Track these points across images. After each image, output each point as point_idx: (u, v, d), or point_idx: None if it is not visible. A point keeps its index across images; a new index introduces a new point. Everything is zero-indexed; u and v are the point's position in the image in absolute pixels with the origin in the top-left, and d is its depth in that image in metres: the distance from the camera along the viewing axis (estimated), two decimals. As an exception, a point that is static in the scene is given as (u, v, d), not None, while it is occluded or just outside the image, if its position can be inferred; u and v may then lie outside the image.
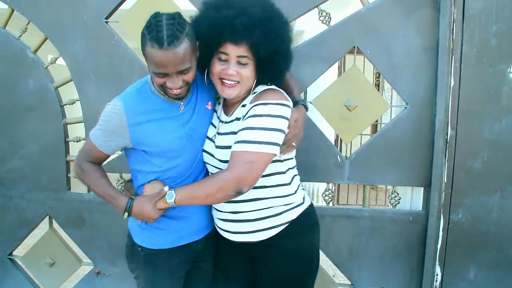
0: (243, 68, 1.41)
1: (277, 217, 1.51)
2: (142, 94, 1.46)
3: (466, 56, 1.99)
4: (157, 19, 1.30)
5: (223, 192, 1.37)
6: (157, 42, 1.26)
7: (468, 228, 2.10)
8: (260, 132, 1.37)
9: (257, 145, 1.36)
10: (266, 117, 1.38)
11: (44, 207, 2.23)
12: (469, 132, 2.04)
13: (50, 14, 2.08)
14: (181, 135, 1.48)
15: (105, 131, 1.46)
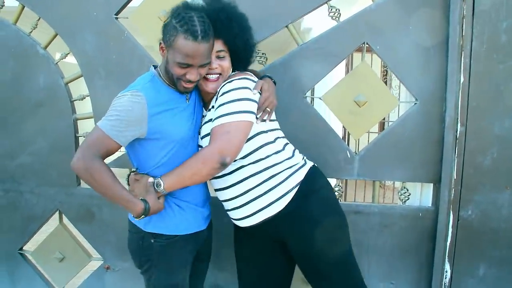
0: (222, 61, 1.56)
1: (285, 183, 1.55)
2: (157, 86, 1.53)
3: (476, 52, 1.98)
4: (188, 14, 1.42)
5: (207, 166, 1.43)
6: (192, 35, 1.39)
7: (477, 224, 2.09)
8: (230, 105, 1.46)
9: (229, 116, 1.44)
10: (232, 91, 1.49)
11: (54, 202, 2.24)
12: (479, 128, 2.03)
13: (61, 10, 2.10)
14: (190, 126, 1.56)
15: (123, 121, 1.43)
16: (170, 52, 1.45)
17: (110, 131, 1.43)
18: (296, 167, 1.58)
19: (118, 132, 1.43)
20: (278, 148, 1.58)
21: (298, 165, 1.60)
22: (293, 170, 1.57)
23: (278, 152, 1.57)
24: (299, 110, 2.03)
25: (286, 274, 1.77)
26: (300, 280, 2.12)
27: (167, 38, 1.45)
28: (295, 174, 1.57)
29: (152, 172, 1.55)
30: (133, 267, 2.14)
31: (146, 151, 1.54)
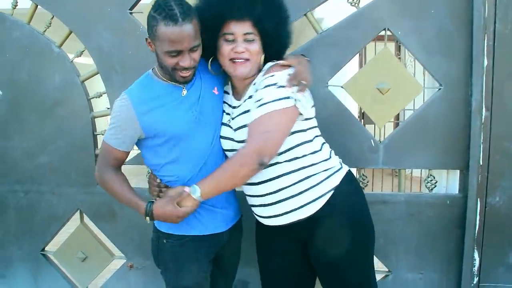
0: (250, 44, 1.46)
1: (320, 186, 1.48)
2: (145, 83, 1.52)
3: (499, 34, 1.93)
4: (165, 1, 1.38)
5: (246, 168, 1.36)
6: (172, 19, 1.33)
7: (505, 211, 2.05)
8: (271, 95, 1.40)
9: (268, 104, 1.37)
10: (273, 86, 1.40)
11: (74, 202, 2.22)
12: (504, 112, 1.97)
13: (74, 7, 2.07)
14: (189, 119, 1.50)
15: (117, 127, 1.49)
16: (157, 44, 1.40)
17: (110, 141, 1.50)
18: (333, 170, 1.53)
19: (117, 139, 1.49)
20: (316, 148, 1.52)
21: (335, 169, 1.54)
22: (329, 173, 1.51)
23: (315, 152, 1.51)
24: (321, 100, 1.97)
25: (310, 275, 1.70)
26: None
27: (150, 31, 1.41)
28: (331, 177, 1.51)
29: (162, 169, 1.54)
30: (156, 265, 2.15)
31: (149, 150, 1.54)
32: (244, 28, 1.44)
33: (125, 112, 1.45)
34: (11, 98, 2.19)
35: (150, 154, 1.55)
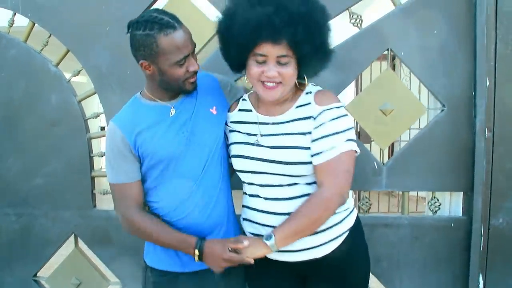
0: (283, 67, 1.31)
1: (339, 225, 1.42)
2: (132, 108, 1.46)
3: (500, 55, 1.93)
4: (146, 18, 1.33)
5: (329, 211, 1.33)
6: (169, 27, 1.29)
7: (509, 233, 2.02)
8: (345, 133, 1.35)
9: (349, 143, 1.34)
10: (343, 118, 1.38)
11: (69, 226, 2.15)
12: (507, 133, 1.96)
13: (72, 26, 2.03)
14: (179, 140, 1.42)
15: (116, 161, 1.41)
16: (160, 61, 1.33)
17: (118, 179, 1.40)
18: (349, 210, 1.48)
19: (123, 173, 1.40)
20: None
21: (351, 208, 1.49)
22: (347, 213, 1.46)
23: None
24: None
25: None
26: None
27: (147, 53, 1.33)
28: (348, 217, 1.46)
29: (150, 194, 1.46)
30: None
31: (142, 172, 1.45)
32: (279, 51, 1.29)
33: (118, 141, 1.39)
34: (6, 117, 2.13)
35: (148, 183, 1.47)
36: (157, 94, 1.44)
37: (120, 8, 2.00)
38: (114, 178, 1.41)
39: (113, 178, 1.41)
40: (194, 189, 1.43)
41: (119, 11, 2.00)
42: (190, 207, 1.43)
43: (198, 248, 1.33)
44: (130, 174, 1.40)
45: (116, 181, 1.41)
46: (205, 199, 1.45)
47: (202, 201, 1.45)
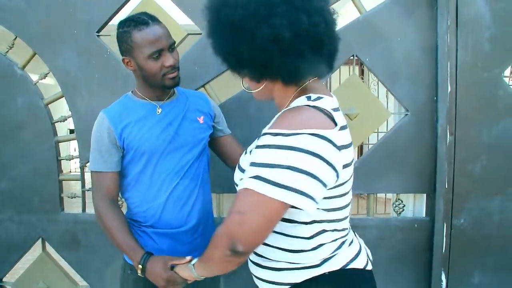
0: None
1: (277, 273, 1.15)
2: (122, 103, 1.52)
3: (461, 62, 2.01)
4: (127, 17, 1.45)
5: (217, 251, 1.02)
6: (142, 23, 1.38)
7: (470, 232, 2.10)
8: (257, 168, 0.98)
9: (256, 182, 0.97)
10: (269, 149, 0.99)
11: (36, 230, 2.13)
12: (468, 137, 2.04)
13: (39, 29, 2.01)
14: (164, 137, 1.48)
15: (101, 148, 1.45)
16: (136, 54, 1.41)
17: (99, 166, 1.45)
18: (300, 266, 1.15)
19: (104, 162, 1.45)
20: (304, 234, 1.11)
21: (304, 264, 1.15)
22: (293, 267, 1.16)
23: (298, 238, 1.12)
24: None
25: None
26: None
27: (125, 48, 1.42)
28: (292, 271, 1.17)
29: (130, 189, 1.50)
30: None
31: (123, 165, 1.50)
32: None
33: (105, 130, 1.44)
34: (-30, 120, 2.09)
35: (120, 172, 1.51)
36: (145, 93, 1.51)
37: (88, 11, 1.99)
38: (94, 166, 1.47)
39: (93, 165, 1.47)
40: (173, 188, 1.48)
41: (87, 14, 1.99)
42: (169, 206, 1.49)
43: (141, 263, 1.34)
44: (109, 164, 1.45)
45: (96, 168, 1.46)
46: (184, 198, 1.51)
47: (181, 200, 1.50)
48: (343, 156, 1.02)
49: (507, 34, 2.01)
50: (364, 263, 1.18)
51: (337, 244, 1.14)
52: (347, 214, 1.16)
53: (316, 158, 0.96)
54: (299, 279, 1.12)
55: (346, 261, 1.14)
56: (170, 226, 1.48)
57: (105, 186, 1.45)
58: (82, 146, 2.05)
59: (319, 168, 0.96)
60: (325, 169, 0.98)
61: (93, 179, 1.48)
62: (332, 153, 0.98)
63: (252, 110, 2.03)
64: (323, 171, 0.97)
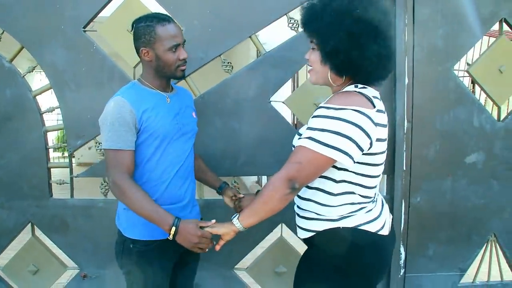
0: (311, 53, 1.43)
1: (306, 221, 1.48)
2: (135, 89, 1.63)
3: (417, 57, 2.25)
4: (146, 15, 1.63)
5: (279, 192, 1.34)
6: (165, 20, 1.58)
7: (425, 210, 2.36)
8: (313, 131, 1.32)
9: (310, 142, 1.30)
10: (323, 118, 1.32)
11: (25, 215, 2.24)
12: (423, 124, 2.30)
13: (26, 23, 2.10)
14: (174, 124, 1.64)
15: (121, 128, 1.52)
16: (156, 47, 1.57)
17: (118, 145, 1.53)
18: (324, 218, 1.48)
19: (125, 141, 1.53)
20: (332, 191, 1.44)
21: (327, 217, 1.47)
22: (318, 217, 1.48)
23: (327, 193, 1.45)
24: (265, 114, 2.19)
25: None
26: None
27: (146, 40, 1.57)
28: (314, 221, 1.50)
29: (140, 168, 1.61)
30: (111, 273, 2.24)
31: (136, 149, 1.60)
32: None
33: (126, 112, 1.52)
34: (-40, 112, 2.17)
35: (145, 154, 1.62)
36: (154, 83, 1.65)
37: (75, 7, 2.10)
38: (113, 144, 1.52)
39: (113, 144, 1.52)
40: (179, 169, 1.67)
41: (74, 10, 2.10)
42: (172, 184, 1.66)
43: (175, 224, 1.49)
44: (129, 143, 1.55)
45: (115, 147, 1.52)
46: (183, 178, 1.71)
47: (181, 180, 1.69)
48: (378, 131, 1.34)
49: (456, 32, 2.26)
50: (377, 228, 1.43)
51: (356, 207, 1.42)
52: (374, 185, 1.45)
53: (357, 128, 1.29)
54: (321, 228, 1.44)
55: (359, 222, 1.41)
56: (170, 202, 1.64)
57: (125, 162, 1.53)
58: (70, 135, 2.18)
59: (358, 135, 1.29)
60: (363, 136, 1.30)
61: (110, 157, 1.54)
62: (369, 125, 1.30)
63: (229, 101, 2.21)
64: (361, 137, 1.29)
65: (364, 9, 1.30)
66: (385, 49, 1.33)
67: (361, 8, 1.30)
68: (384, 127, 1.39)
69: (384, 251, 1.48)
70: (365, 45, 1.30)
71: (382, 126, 1.36)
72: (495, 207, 2.41)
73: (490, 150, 2.36)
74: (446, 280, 2.45)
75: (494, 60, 2.34)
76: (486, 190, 2.39)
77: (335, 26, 1.31)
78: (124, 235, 1.65)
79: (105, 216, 2.20)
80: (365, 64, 1.32)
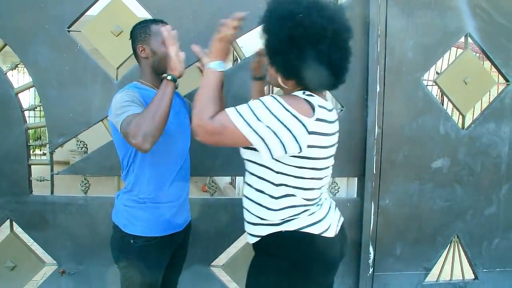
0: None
1: (252, 226, 1.50)
2: (138, 87, 1.69)
3: (388, 66, 2.38)
4: (144, 20, 1.76)
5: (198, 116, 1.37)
6: (160, 22, 1.71)
7: (394, 211, 2.50)
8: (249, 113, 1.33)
9: (238, 118, 1.33)
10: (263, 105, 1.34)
11: (4, 212, 2.25)
12: (393, 130, 2.43)
13: (10, 22, 2.12)
14: (177, 122, 1.72)
15: (136, 102, 1.56)
16: (151, 42, 1.67)
17: (138, 110, 1.52)
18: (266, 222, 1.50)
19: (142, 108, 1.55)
20: (273, 194, 1.46)
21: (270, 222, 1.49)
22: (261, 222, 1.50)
23: (269, 196, 1.47)
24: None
25: None
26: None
27: (142, 37, 1.68)
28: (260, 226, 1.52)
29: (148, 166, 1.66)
30: (89, 269, 2.28)
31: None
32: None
33: (137, 95, 1.58)
34: None
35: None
36: (153, 82, 1.72)
37: (59, 7, 2.14)
38: (132, 112, 1.50)
39: (131, 112, 1.50)
40: (181, 166, 1.75)
41: (58, 10, 2.13)
42: (175, 181, 1.73)
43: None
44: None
45: (135, 111, 1.50)
46: (184, 175, 1.79)
47: (184, 177, 1.79)
48: (312, 138, 1.34)
49: (426, 44, 2.41)
50: (321, 230, 1.44)
51: (298, 210, 1.43)
52: (318, 187, 1.46)
53: (286, 129, 1.31)
54: (264, 233, 1.45)
55: (302, 225, 1.42)
56: (170, 200, 1.72)
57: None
58: (52, 133, 2.21)
59: (286, 136, 1.31)
60: (290, 139, 1.31)
61: (132, 122, 1.46)
62: (301, 132, 1.32)
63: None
64: (288, 140, 1.31)
65: (308, 14, 1.31)
66: (327, 57, 1.33)
67: (305, 13, 1.31)
68: (325, 136, 1.40)
69: (329, 252, 1.47)
70: (304, 50, 1.32)
71: (320, 134, 1.37)
72: (458, 210, 2.57)
73: (455, 156, 2.52)
74: (412, 278, 2.59)
75: (460, 72, 2.50)
76: (450, 194, 2.54)
77: (277, 29, 1.34)
78: (124, 231, 1.69)
79: (85, 213, 2.24)
80: (303, 68, 1.34)
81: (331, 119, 1.45)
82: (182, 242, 1.84)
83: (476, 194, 2.58)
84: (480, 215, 2.60)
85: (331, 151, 1.48)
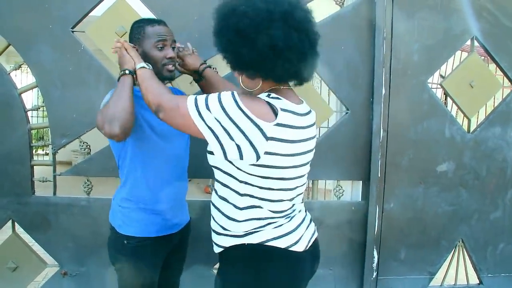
0: None
1: (216, 235, 1.44)
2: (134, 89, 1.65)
3: (394, 69, 2.37)
4: (142, 18, 1.74)
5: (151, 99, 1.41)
6: (156, 22, 1.68)
7: (398, 215, 2.48)
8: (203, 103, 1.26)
9: (194, 110, 1.27)
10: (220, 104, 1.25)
11: (6, 212, 2.24)
12: (398, 133, 2.41)
13: (14, 22, 2.11)
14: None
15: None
16: (145, 43, 1.64)
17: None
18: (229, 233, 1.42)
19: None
20: (237, 204, 1.38)
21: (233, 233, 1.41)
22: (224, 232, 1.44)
23: (233, 206, 1.40)
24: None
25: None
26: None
27: (136, 38, 1.66)
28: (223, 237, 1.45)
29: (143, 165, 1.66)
30: (91, 270, 2.27)
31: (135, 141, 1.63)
32: None
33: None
34: None
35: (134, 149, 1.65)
36: None
37: (63, 7, 2.13)
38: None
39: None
40: (181, 167, 1.76)
41: (62, 10, 2.13)
42: (176, 182, 1.73)
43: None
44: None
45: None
46: (182, 178, 1.79)
47: (183, 178, 1.79)
48: (271, 145, 1.23)
49: (431, 47, 2.39)
50: (287, 244, 1.33)
51: (262, 223, 1.33)
52: (287, 198, 1.35)
53: (241, 134, 1.21)
54: (227, 244, 1.38)
55: (266, 238, 1.32)
56: (170, 199, 1.71)
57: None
58: (55, 133, 2.20)
59: (240, 140, 1.22)
60: (245, 144, 1.22)
61: (97, 115, 1.51)
62: (258, 138, 1.21)
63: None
64: (243, 144, 1.22)
65: (251, 3, 1.23)
66: (282, 41, 1.21)
67: (247, 3, 1.23)
68: (290, 143, 1.27)
69: (295, 267, 1.37)
70: (254, 39, 1.22)
71: (283, 141, 1.25)
72: (463, 214, 2.55)
73: (460, 160, 2.50)
74: (416, 283, 2.56)
75: (466, 75, 2.48)
76: (455, 198, 2.52)
77: (223, 29, 1.28)
78: (119, 232, 1.68)
79: (87, 214, 2.23)
80: (258, 58, 1.24)
81: (301, 124, 1.32)
82: (179, 243, 1.81)
83: (482, 199, 2.56)
84: (485, 220, 2.58)
85: (304, 158, 1.36)
